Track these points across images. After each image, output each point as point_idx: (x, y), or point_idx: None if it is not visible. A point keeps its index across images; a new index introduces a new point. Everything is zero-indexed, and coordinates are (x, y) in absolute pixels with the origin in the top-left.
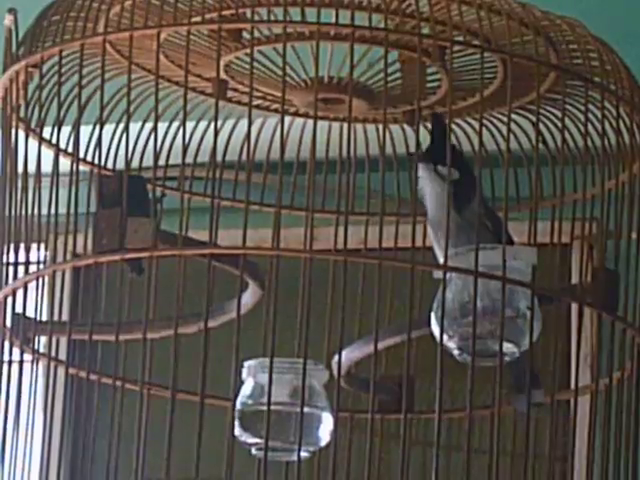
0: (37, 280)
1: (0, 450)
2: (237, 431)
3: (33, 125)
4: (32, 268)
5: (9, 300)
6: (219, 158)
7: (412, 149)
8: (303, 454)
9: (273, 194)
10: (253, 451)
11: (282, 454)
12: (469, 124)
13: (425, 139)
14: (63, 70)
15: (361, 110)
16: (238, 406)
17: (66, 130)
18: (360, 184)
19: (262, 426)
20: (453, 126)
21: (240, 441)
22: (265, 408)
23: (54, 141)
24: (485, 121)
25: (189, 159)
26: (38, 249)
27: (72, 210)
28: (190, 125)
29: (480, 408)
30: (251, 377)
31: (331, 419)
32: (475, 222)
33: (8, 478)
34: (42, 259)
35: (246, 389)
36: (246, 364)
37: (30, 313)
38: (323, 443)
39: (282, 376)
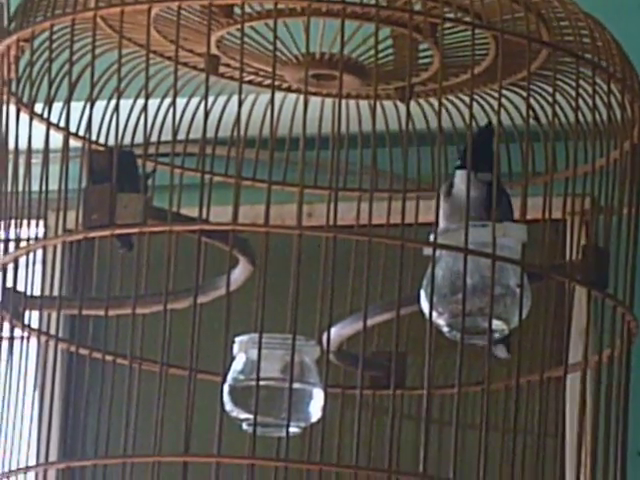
0: (28, 255)
1: None
2: (228, 406)
3: (25, 100)
4: (24, 244)
5: (0, 275)
6: (211, 134)
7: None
8: (294, 430)
9: (266, 170)
10: (244, 426)
11: (273, 430)
12: (461, 100)
13: (418, 115)
14: (54, 45)
15: (353, 86)
16: (229, 381)
17: (58, 106)
18: (353, 160)
19: (253, 401)
20: (445, 102)
21: (231, 416)
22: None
23: (45, 116)
24: (477, 97)
25: (181, 135)
26: (29, 226)
27: (63, 186)
28: (182, 101)
29: (471, 384)
30: (242, 352)
31: (322, 395)
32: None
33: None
34: (34, 235)
35: (237, 364)
36: (237, 339)
37: (22, 288)
38: (314, 419)
39: (273, 352)
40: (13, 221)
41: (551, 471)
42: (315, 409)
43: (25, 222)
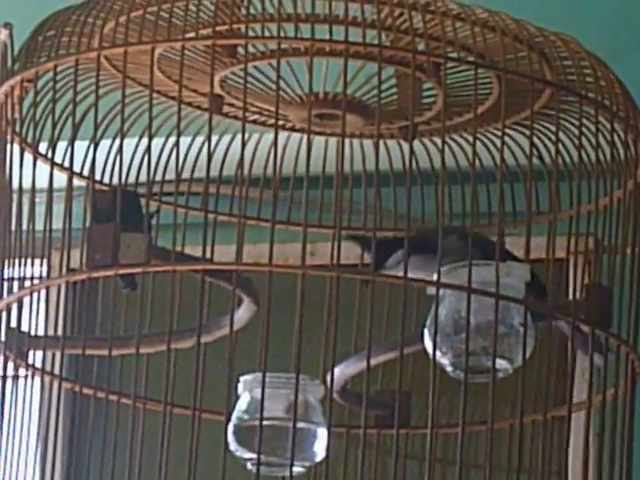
0: (31, 295)
1: None
2: (233, 446)
3: (29, 140)
4: (28, 284)
5: (4, 315)
6: (215, 173)
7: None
8: (298, 469)
9: (270, 209)
10: (249, 466)
11: (277, 469)
12: (465, 139)
13: (422, 154)
14: (58, 86)
15: (357, 126)
16: (234, 421)
17: (62, 145)
18: (357, 199)
19: (257, 441)
20: (449, 141)
21: (236, 456)
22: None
23: (49, 156)
24: (481, 136)
25: (185, 174)
26: (32, 265)
27: (67, 225)
28: (187, 140)
29: (475, 423)
30: (247, 392)
31: (326, 434)
32: None
33: None
34: (39, 275)
35: (242, 404)
36: (242, 379)
37: (26, 328)
38: (319, 458)
39: (278, 391)
40: (17, 260)
41: None
42: (319, 448)
43: (29, 261)
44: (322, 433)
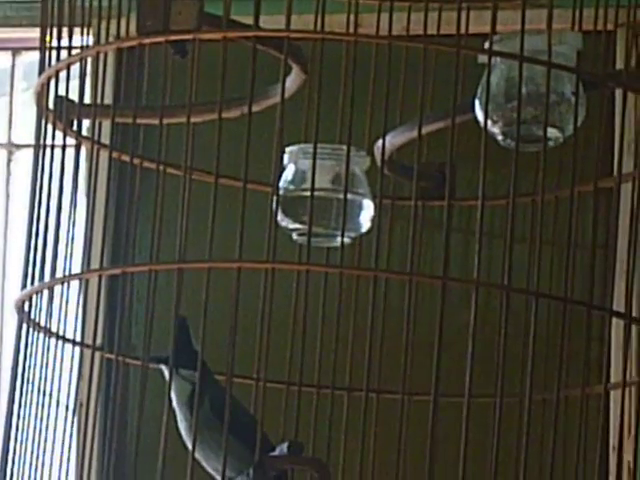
0: (81, 63)
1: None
2: (279, 216)
3: None
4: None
5: (52, 83)
6: None
7: None
8: (345, 240)
9: None
10: (294, 236)
11: (323, 240)
12: None
13: None
14: None
15: None
16: (280, 192)
17: None
18: None
19: (303, 211)
20: None
21: (281, 226)
22: (306, 194)
23: None
24: None
25: None
26: (82, 34)
27: None
28: None
29: (523, 195)
30: (292, 163)
31: (372, 205)
32: None
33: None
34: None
35: (287, 175)
36: (288, 149)
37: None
38: (364, 229)
39: (323, 162)
40: (63, 29)
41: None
42: (365, 219)
43: (76, 29)
44: (367, 204)
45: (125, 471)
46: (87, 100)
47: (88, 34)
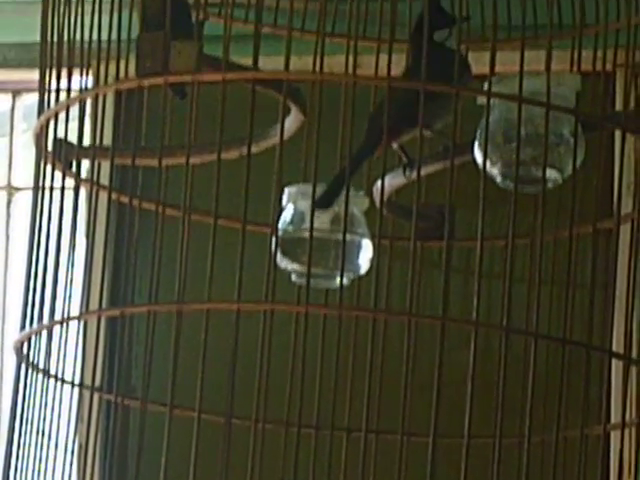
0: (80, 104)
1: (41, 275)
2: (278, 257)
3: None
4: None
5: (51, 125)
6: None
7: None
8: (343, 280)
9: (314, 22)
10: (293, 277)
11: (322, 281)
12: None
13: None
14: None
15: None
16: (279, 232)
17: None
18: (403, 11)
19: (302, 252)
20: None
21: (280, 267)
22: (305, 234)
23: None
24: None
25: None
26: (81, 75)
27: (115, 35)
28: None
29: (521, 237)
30: (291, 203)
31: (371, 246)
32: None
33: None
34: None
35: (286, 215)
36: (287, 190)
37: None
38: (363, 270)
39: None
40: (62, 71)
41: None
42: (364, 260)
43: (75, 70)
44: (366, 245)
45: None
46: (86, 141)
47: (87, 75)
